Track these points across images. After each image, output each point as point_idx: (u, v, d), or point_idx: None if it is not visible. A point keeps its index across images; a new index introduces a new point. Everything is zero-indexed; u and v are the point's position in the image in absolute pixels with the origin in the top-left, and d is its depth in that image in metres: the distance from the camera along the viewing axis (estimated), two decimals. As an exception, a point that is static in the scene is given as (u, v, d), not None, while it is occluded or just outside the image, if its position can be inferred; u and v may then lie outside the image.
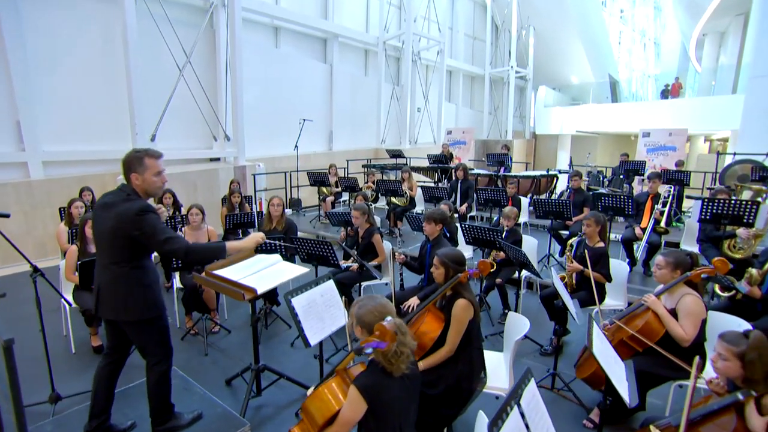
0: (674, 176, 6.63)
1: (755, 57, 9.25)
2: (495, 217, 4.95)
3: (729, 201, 3.99)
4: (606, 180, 8.05)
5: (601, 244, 3.39)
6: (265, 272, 2.78)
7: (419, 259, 3.66)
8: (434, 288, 2.70)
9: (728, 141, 14.46)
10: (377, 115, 13.11)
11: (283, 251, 3.81)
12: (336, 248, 3.73)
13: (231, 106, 8.36)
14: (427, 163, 9.29)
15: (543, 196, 7.67)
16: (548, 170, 7.50)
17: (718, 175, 7.70)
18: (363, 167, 9.51)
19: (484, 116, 17.23)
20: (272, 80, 10.21)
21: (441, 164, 8.59)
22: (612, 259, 3.86)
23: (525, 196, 7.14)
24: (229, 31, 8.02)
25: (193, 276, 2.91)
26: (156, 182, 2.16)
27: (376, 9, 12.72)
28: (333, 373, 1.79)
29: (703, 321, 2.42)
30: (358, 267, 3.39)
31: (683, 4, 18.06)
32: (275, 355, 3.54)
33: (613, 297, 3.62)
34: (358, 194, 5.40)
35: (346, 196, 8.00)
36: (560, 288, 2.75)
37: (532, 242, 4.44)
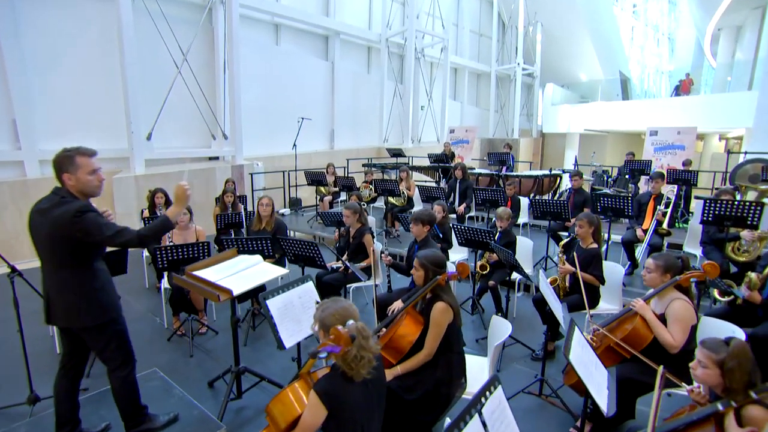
0: (681, 176, 6.51)
1: (771, 52, 9.05)
2: (494, 218, 4.91)
3: (732, 202, 3.90)
4: (610, 180, 7.94)
5: (595, 246, 3.34)
6: (245, 273, 2.79)
7: (407, 261, 3.64)
8: (416, 290, 2.67)
9: (743, 139, 14.17)
10: (380, 114, 13.09)
11: (269, 252, 3.82)
12: (333, 248, 3.74)
13: (229, 105, 8.40)
14: (429, 163, 9.24)
15: (546, 197, 7.60)
16: (551, 170, 7.41)
17: (729, 175, 7.55)
18: (363, 166, 9.49)
19: (490, 114, 17.12)
20: (273, 78, 10.24)
21: (442, 163, 8.54)
22: (608, 262, 3.81)
23: (527, 197, 7.09)
24: (227, 28, 8.07)
25: (173, 278, 2.93)
26: (91, 181, 2.10)
27: (379, 5, 12.70)
28: (297, 377, 1.78)
29: (693, 327, 2.36)
30: (343, 268, 3.38)
31: (698, -2, 17.76)
32: (261, 357, 3.54)
33: (608, 300, 3.56)
34: (353, 194, 5.38)
35: (345, 196, 7.99)
36: (545, 291, 2.71)
37: (527, 244, 4.40)
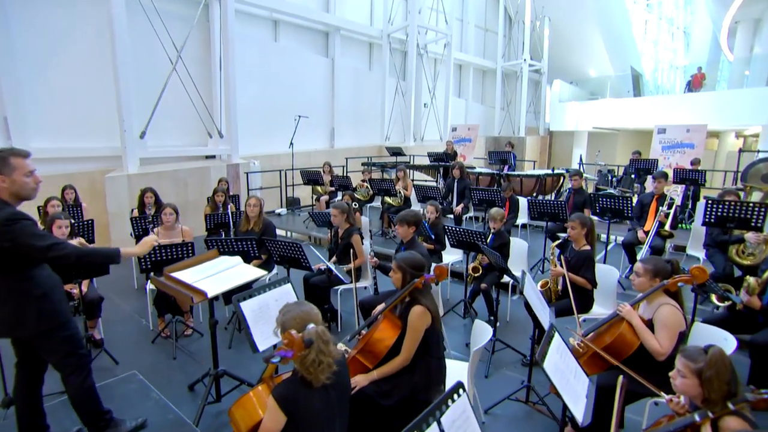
0: (688, 175, 6.42)
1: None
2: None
3: (735, 203, 3.83)
4: (615, 180, 7.85)
5: (587, 248, 3.30)
6: (223, 275, 2.80)
7: (394, 263, 3.62)
8: (394, 293, 2.66)
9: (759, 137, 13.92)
10: (381, 112, 13.08)
11: (255, 253, 3.83)
12: (315, 249, 3.74)
13: (224, 102, 8.44)
14: (429, 162, 9.21)
15: (549, 197, 7.54)
16: (553, 169, 7.34)
17: (740, 174, 7.41)
18: (362, 165, 9.49)
19: (496, 112, 17.02)
20: (271, 75, 10.28)
21: (442, 162, 8.50)
22: (604, 265, 3.76)
23: (530, 197, 7.03)
24: (222, 24, 8.10)
25: (151, 279, 2.94)
26: (28, 183, 2.05)
27: (380, 0, 12.69)
28: (261, 381, 1.78)
29: (681, 334, 2.32)
30: (327, 270, 3.38)
31: (714, -10, 17.49)
32: (243, 360, 3.54)
33: (602, 304, 3.51)
34: (346, 194, 5.38)
35: (341, 196, 7.99)
36: (529, 294, 2.68)
37: (522, 246, 4.36)
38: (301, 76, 11.02)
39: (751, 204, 3.83)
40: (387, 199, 6.74)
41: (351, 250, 3.68)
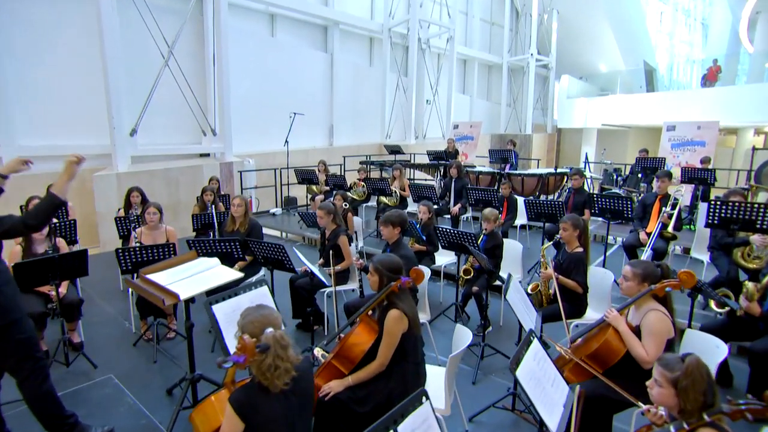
0: (697, 175, 6.34)
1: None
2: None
3: (739, 204, 3.78)
4: (621, 179, 7.77)
5: (580, 250, 3.27)
6: (198, 277, 2.81)
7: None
8: (372, 296, 2.66)
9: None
10: (382, 108, 13.07)
11: (238, 254, 3.84)
12: (299, 252, 3.74)
13: (218, 99, 8.48)
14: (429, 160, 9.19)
15: (552, 197, 7.49)
16: (556, 168, 7.30)
17: (754, 174, 7.33)
18: (360, 164, 9.49)
19: (502, 109, 16.95)
20: (268, 71, 10.31)
21: (441, 161, 8.48)
22: (599, 268, 3.73)
23: (531, 197, 6.99)
24: (215, 18, 8.13)
25: (125, 281, 2.97)
26: None
27: (381, -7, 12.70)
28: (223, 385, 1.79)
29: (669, 341, 2.29)
30: (309, 273, 3.38)
31: (732, -21, 17.26)
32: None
33: (597, 309, 3.48)
34: (337, 194, 5.38)
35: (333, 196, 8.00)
36: (512, 299, 2.66)
37: (516, 247, 4.33)
38: (299, 72, 11.05)
39: (757, 205, 3.77)
40: (382, 199, 6.74)
41: (331, 252, 3.68)
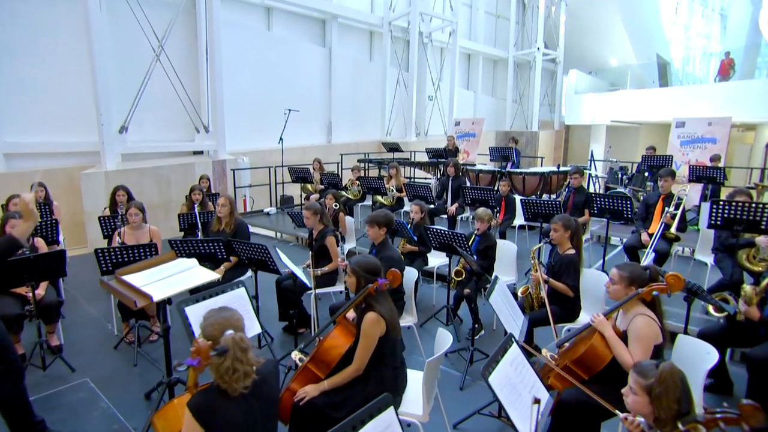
0: (706, 173, 6.28)
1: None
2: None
3: (743, 204, 3.74)
4: (626, 178, 7.71)
5: (572, 252, 3.25)
6: (174, 278, 2.82)
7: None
8: (350, 299, 2.66)
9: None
10: (382, 105, 13.07)
11: (222, 254, 3.86)
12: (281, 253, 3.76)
13: (211, 95, 8.51)
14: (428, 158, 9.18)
15: (554, 197, 7.45)
16: (558, 166, 7.26)
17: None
18: (358, 162, 9.50)
19: (507, 105, 16.88)
20: (264, 66, 10.33)
21: (441, 159, 8.46)
22: (594, 270, 3.71)
23: (533, 196, 6.96)
24: (208, 11, 8.16)
25: (100, 282, 2.98)
26: None
27: (381, -14, 12.68)
28: (186, 389, 1.80)
29: (657, 347, 2.27)
30: (291, 275, 3.40)
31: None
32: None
33: (591, 312, 3.43)
34: (329, 193, 5.38)
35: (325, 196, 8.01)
36: (496, 302, 2.65)
37: (511, 249, 4.31)
38: (296, 67, 11.06)
39: (762, 205, 3.73)
40: (378, 199, 6.74)
41: (312, 254, 3.69)
